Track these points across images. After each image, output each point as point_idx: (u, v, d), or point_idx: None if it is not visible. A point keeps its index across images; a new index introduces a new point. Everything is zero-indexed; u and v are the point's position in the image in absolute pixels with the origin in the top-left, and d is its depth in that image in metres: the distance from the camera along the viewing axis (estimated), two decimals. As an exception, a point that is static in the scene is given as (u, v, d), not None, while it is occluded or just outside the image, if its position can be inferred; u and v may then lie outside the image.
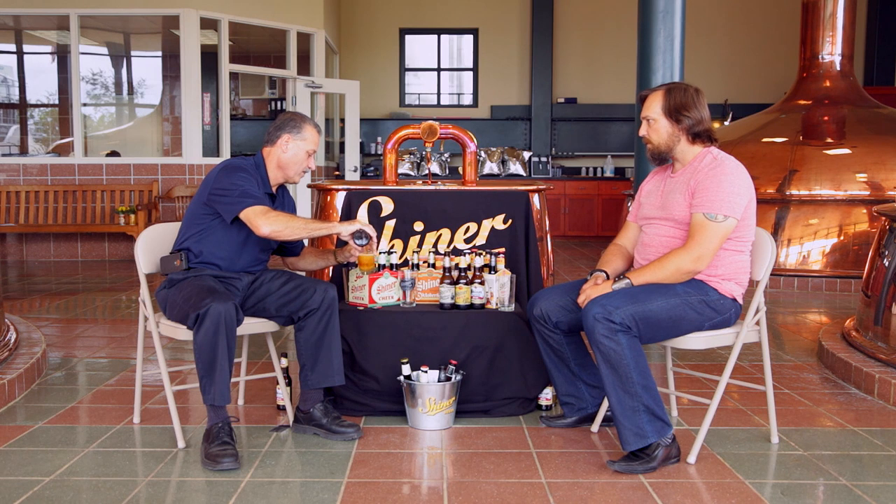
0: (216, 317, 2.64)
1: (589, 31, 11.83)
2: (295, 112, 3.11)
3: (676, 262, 2.68)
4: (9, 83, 10.87)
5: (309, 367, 2.96)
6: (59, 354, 4.29)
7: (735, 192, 2.67)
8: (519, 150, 11.59)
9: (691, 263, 2.67)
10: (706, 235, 2.65)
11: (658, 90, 2.85)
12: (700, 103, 2.79)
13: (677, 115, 2.76)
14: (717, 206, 2.65)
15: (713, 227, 2.65)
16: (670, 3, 5.38)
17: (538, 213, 3.83)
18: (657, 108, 2.80)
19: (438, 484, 2.55)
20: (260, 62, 10.17)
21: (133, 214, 8.14)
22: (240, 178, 2.92)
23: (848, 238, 6.79)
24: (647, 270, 2.73)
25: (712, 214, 2.65)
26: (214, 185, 2.94)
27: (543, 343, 2.98)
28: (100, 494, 2.44)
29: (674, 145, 2.81)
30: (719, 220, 2.65)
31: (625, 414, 2.60)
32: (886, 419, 3.25)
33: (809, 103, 7.58)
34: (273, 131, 3.05)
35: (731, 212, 2.66)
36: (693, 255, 2.66)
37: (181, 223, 3.07)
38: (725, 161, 2.74)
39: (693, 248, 2.66)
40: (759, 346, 2.89)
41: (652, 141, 2.84)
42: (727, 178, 2.68)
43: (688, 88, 2.81)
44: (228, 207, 2.89)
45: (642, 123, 2.87)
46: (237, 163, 3.01)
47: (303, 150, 3.04)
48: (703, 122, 2.77)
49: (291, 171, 3.05)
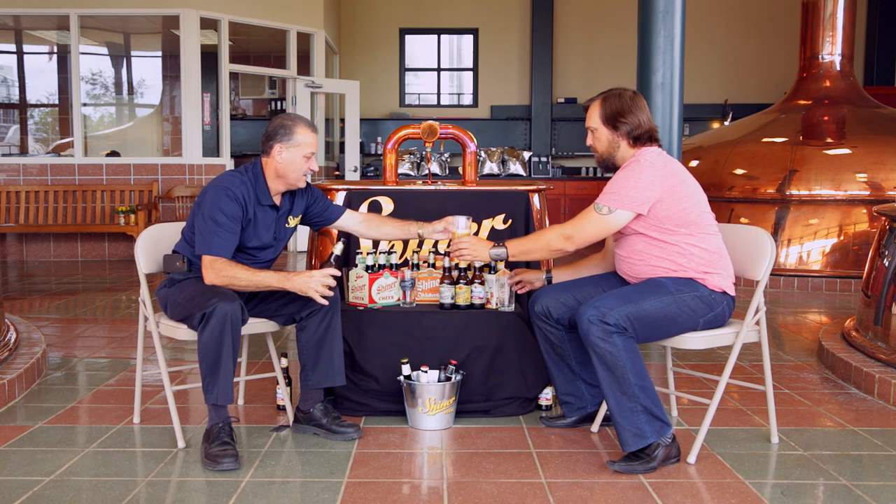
0: (222, 316, 2.64)
1: (589, 31, 11.83)
2: (285, 115, 2.96)
3: (548, 236, 2.83)
4: (9, 83, 10.87)
5: (310, 367, 2.96)
6: (59, 354, 4.29)
7: (632, 185, 2.68)
8: (519, 150, 11.58)
9: (559, 241, 2.79)
10: (584, 221, 2.77)
11: (596, 99, 2.88)
12: (637, 107, 2.80)
13: (614, 121, 2.80)
14: (606, 199, 2.73)
15: (594, 217, 2.74)
16: (670, 3, 5.37)
17: (538, 213, 3.83)
18: (596, 117, 2.84)
19: (438, 484, 2.55)
20: (260, 62, 10.17)
21: (133, 214, 8.14)
22: (220, 211, 2.81)
23: (848, 238, 6.79)
24: (523, 241, 2.92)
25: (599, 206, 2.74)
26: (202, 202, 2.87)
27: (544, 340, 2.99)
28: (100, 494, 2.44)
29: (614, 151, 2.84)
30: (603, 213, 2.73)
31: (623, 415, 2.60)
32: (886, 419, 3.25)
33: (809, 103, 7.58)
34: (265, 141, 2.93)
35: (620, 204, 2.69)
36: (563, 232, 2.78)
37: (184, 226, 3.03)
38: (641, 159, 2.75)
39: (567, 226, 2.78)
40: (759, 346, 2.89)
41: (597, 150, 2.89)
42: (627, 174, 2.72)
43: (623, 94, 2.83)
44: (198, 240, 2.84)
45: (588, 134, 2.90)
46: (229, 185, 2.86)
47: (298, 155, 2.89)
48: (641, 125, 2.79)
49: (291, 178, 2.93)
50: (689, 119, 10.79)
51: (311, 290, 2.77)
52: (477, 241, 2.95)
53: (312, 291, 2.77)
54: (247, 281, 2.80)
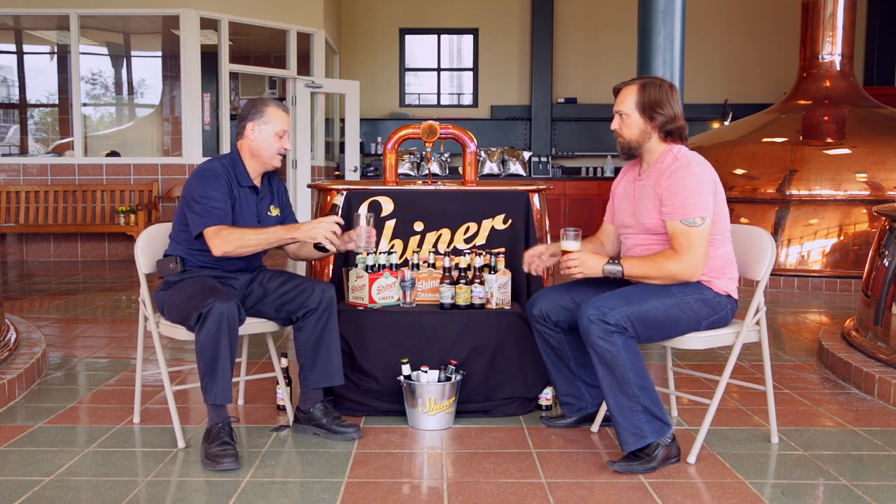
0: (219, 316, 2.64)
1: (589, 31, 11.83)
2: (255, 98, 3.06)
3: (671, 269, 2.65)
4: (9, 83, 10.87)
5: (308, 367, 2.96)
6: (59, 354, 4.29)
7: (701, 190, 2.65)
8: (519, 150, 11.58)
9: (688, 274, 2.65)
10: (693, 243, 2.63)
11: (632, 84, 2.80)
12: (674, 100, 2.76)
13: (651, 111, 2.73)
14: (692, 211, 2.63)
15: (696, 233, 2.63)
16: (670, 3, 5.38)
17: (538, 213, 3.83)
18: (631, 102, 2.77)
19: (438, 484, 2.55)
20: (260, 62, 10.17)
21: (133, 214, 8.14)
22: (209, 188, 2.88)
23: (848, 238, 6.78)
24: (641, 265, 2.69)
25: (689, 220, 2.63)
26: (188, 192, 2.92)
27: (543, 343, 2.98)
28: (100, 494, 2.44)
29: (644, 142, 2.78)
30: (698, 224, 2.63)
31: (623, 415, 2.60)
32: (886, 419, 3.25)
33: (809, 103, 7.58)
34: (239, 122, 3.03)
35: (704, 212, 2.64)
36: (689, 265, 2.64)
37: (170, 230, 3.07)
38: (685, 160, 2.71)
39: (687, 258, 2.63)
40: (759, 346, 2.89)
41: (623, 136, 2.81)
42: (692, 179, 2.66)
43: (662, 84, 2.78)
44: (193, 222, 2.88)
45: (615, 117, 2.83)
46: (209, 167, 2.96)
47: (270, 133, 2.97)
48: (675, 119, 2.75)
49: (265, 156, 3.00)
50: (689, 119, 10.63)
51: (320, 236, 2.83)
52: (588, 257, 2.72)
53: (321, 237, 2.83)
54: (256, 240, 2.85)
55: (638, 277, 2.71)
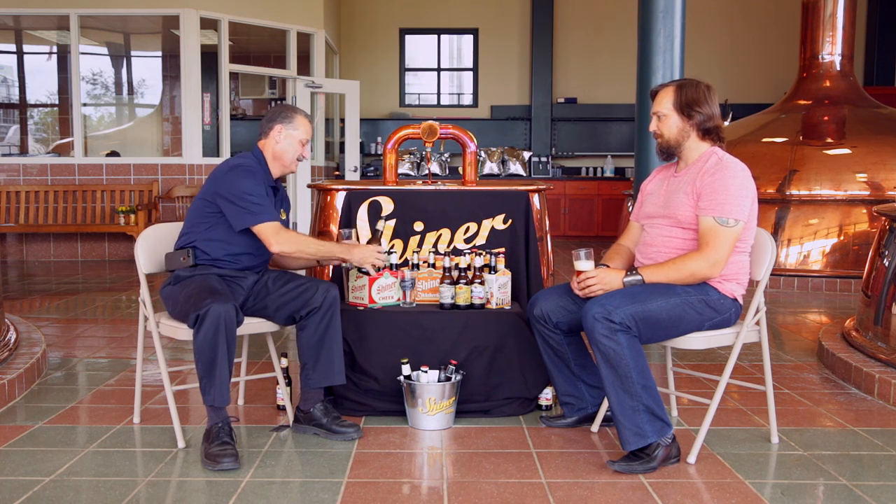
0: (215, 318, 2.64)
1: (589, 31, 11.83)
2: (286, 104, 3.14)
3: (691, 266, 2.68)
4: (9, 83, 10.87)
5: (310, 367, 2.96)
6: (59, 354, 4.29)
7: (742, 195, 2.68)
8: (519, 150, 11.59)
9: (708, 269, 2.67)
10: (720, 241, 2.65)
11: (669, 86, 2.85)
12: (711, 100, 2.80)
13: (689, 110, 2.77)
14: (728, 210, 2.65)
15: (726, 233, 2.65)
16: (670, 3, 5.38)
17: (538, 213, 3.83)
18: (668, 103, 2.81)
19: (438, 484, 2.55)
20: (260, 62, 10.17)
21: (133, 214, 8.14)
22: (252, 184, 2.93)
23: (848, 238, 6.79)
24: (661, 270, 2.72)
25: (723, 219, 2.65)
26: (223, 187, 2.93)
27: (544, 343, 2.98)
28: (100, 494, 2.44)
29: (683, 140, 2.81)
30: (731, 225, 2.65)
31: (624, 413, 2.60)
32: (886, 419, 3.25)
33: (809, 103, 7.58)
34: (265, 123, 3.08)
35: (740, 215, 2.66)
36: (710, 260, 2.66)
37: (185, 220, 3.07)
38: (731, 163, 2.73)
39: (709, 253, 2.66)
40: (759, 346, 2.89)
41: (663, 135, 2.84)
42: (735, 181, 2.68)
43: (699, 84, 2.82)
44: (240, 217, 2.90)
45: (652, 119, 2.86)
46: (246, 164, 2.99)
47: (296, 139, 3.06)
48: (713, 118, 2.78)
49: (287, 160, 3.08)
50: (689, 119, 10.78)
51: (368, 264, 3.08)
52: (606, 274, 2.73)
53: (369, 265, 3.09)
54: (315, 249, 3.03)
55: (658, 282, 2.72)
